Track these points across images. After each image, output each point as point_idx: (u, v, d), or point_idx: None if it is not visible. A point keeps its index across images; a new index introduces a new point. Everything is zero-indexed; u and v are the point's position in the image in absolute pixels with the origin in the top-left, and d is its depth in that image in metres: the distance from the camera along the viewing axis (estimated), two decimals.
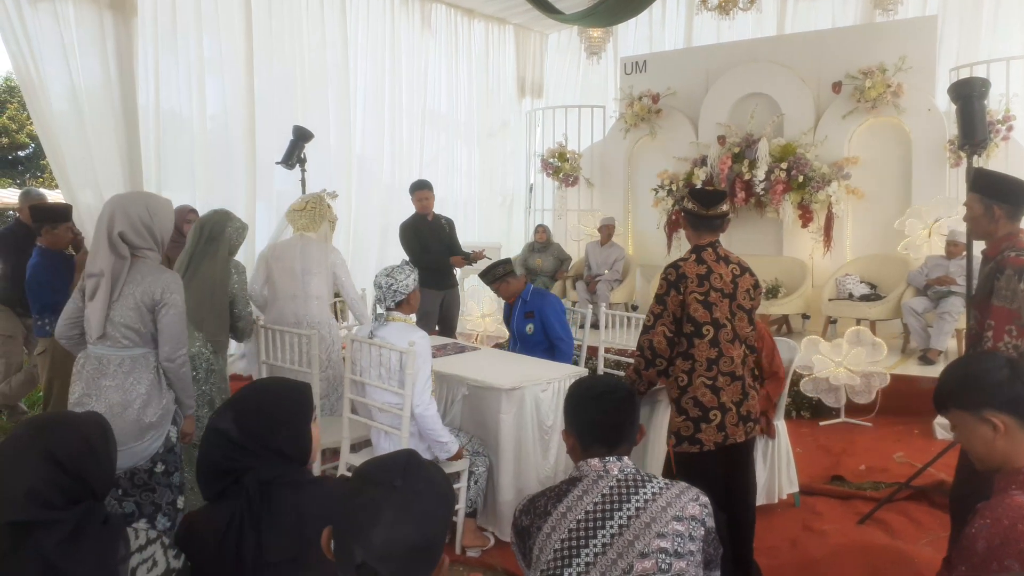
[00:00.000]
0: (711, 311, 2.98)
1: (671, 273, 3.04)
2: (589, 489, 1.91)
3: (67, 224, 4.78)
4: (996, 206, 2.93)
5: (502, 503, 3.68)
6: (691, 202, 3.11)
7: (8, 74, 24.50)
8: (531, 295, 4.78)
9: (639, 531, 1.82)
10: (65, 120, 5.51)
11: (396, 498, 1.30)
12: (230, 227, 3.99)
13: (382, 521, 1.28)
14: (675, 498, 1.89)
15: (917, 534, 3.83)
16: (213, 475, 1.81)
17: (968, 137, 3.97)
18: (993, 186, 2.98)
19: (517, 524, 1.96)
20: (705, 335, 2.98)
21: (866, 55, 7.45)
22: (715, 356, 2.98)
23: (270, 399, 1.89)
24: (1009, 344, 2.80)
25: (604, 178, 9.48)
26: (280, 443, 1.83)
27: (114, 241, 2.78)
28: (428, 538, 1.30)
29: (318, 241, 4.66)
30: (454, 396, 3.90)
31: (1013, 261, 2.81)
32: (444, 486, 1.40)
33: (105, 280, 2.77)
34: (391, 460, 1.38)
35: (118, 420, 2.72)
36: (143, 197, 2.98)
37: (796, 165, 7.50)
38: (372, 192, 8.67)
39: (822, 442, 5.31)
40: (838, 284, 7.23)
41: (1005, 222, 2.93)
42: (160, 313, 2.82)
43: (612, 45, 10.24)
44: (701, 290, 2.98)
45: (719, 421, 2.98)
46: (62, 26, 5.46)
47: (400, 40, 8.97)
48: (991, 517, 1.59)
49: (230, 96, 7.26)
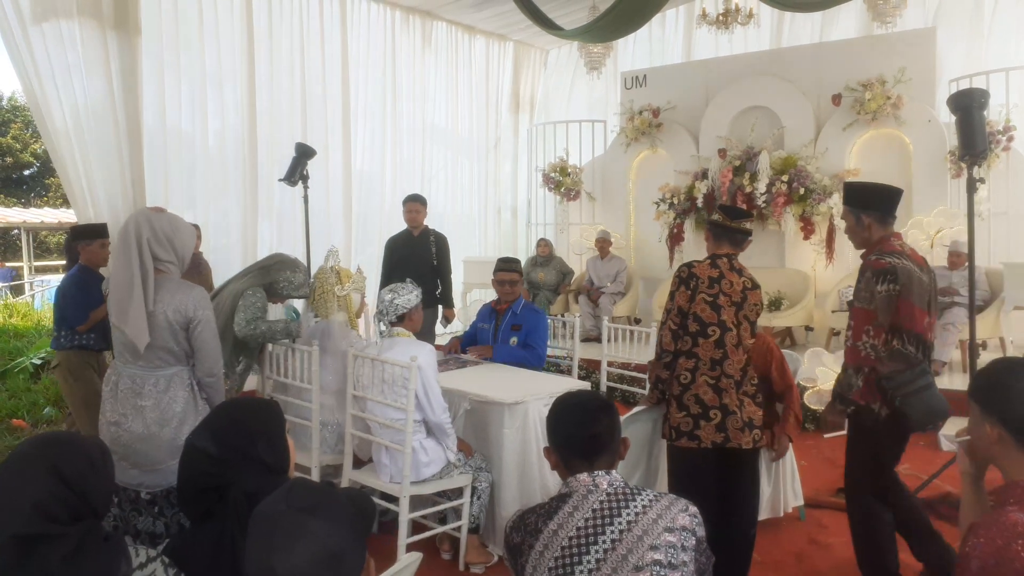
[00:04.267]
0: (719, 313, 3.05)
1: (683, 271, 3.18)
2: (579, 505, 1.90)
3: (102, 240, 4.81)
4: (864, 215, 3.08)
5: (505, 518, 3.66)
6: (718, 213, 3.26)
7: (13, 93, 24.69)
8: (522, 309, 4.75)
9: (632, 545, 1.82)
10: (70, 138, 5.55)
11: (284, 522, 1.32)
12: (287, 273, 4.13)
13: (276, 547, 1.29)
14: (665, 509, 1.89)
15: None
16: (196, 494, 1.83)
17: (968, 148, 3.98)
18: (859, 196, 3.14)
19: (508, 541, 1.96)
20: (711, 335, 3.05)
21: (866, 67, 7.48)
22: (719, 357, 3.05)
23: (243, 412, 1.95)
24: (867, 343, 2.91)
25: (606, 192, 9.51)
26: (260, 452, 1.87)
27: (141, 249, 2.77)
28: (333, 547, 1.31)
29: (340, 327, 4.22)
30: (457, 411, 3.89)
31: (873, 264, 2.92)
32: (343, 495, 1.42)
33: (137, 292, 2.73)
34: (277, 491, 1.41)
35: (155, 439, 2.73)
36: (166, 214, 2.97)
37: (797, 177, 7.52)
38: (374, 208, 8.69)
39: (827, 454, 5.28)
40: (841, 295, 7.22)
41: (876, 228, 3.06)
42: (194, 330, 2.81)
43: (612, 60, 10.28)
44: (711, 292, 3.07)
45: (719, 421, 3.02)
46: (67, 46, 5.50)
47: (401, 56, 9.02)
48: (985, 536, 1.55)
49: (232, 113, 7.30)
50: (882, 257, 2.94)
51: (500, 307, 4.79)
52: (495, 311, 4.82)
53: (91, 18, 5.57)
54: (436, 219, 8.61)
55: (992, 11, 8.00)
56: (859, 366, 2.92)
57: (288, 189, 6.46)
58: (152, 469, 2.78)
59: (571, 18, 8.39)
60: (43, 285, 16.16)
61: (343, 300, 4.23)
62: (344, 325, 4.21)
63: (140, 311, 2.75)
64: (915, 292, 2.90)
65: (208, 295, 2.94)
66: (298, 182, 6.17)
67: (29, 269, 19.57)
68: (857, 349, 2.93)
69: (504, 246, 10.41)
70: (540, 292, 8.66)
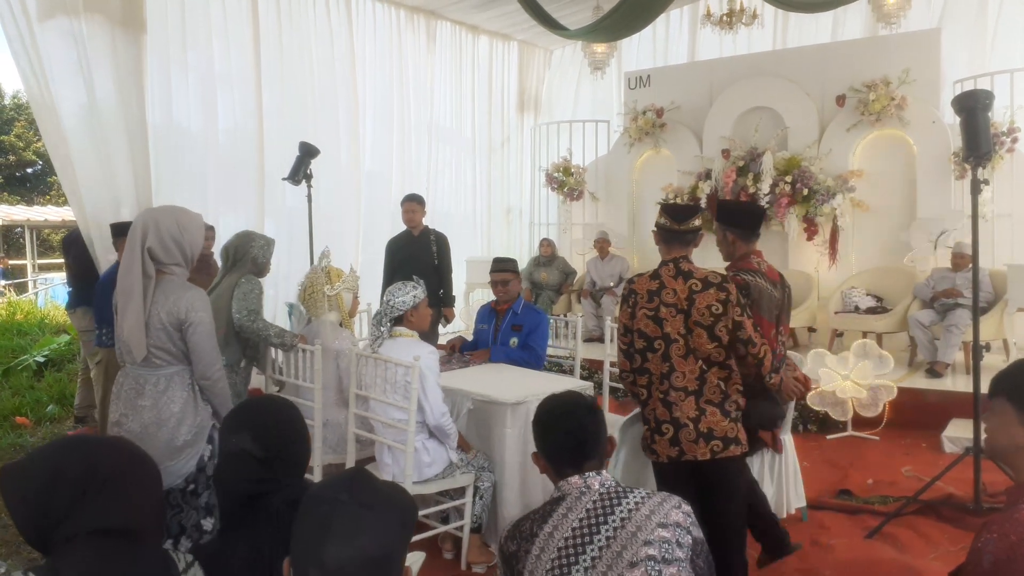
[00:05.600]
0: (661, 326, 2.97)
1: (625, 288, 3.18)
2: (573, 506, 1.92)
3: None
4: (729, 231, 3.38)
5: (507, 518, 3.66)
6: (663, 216, 3.12)
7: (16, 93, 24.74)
8: (523, 309, 4.75)
9: (626, 541, 1.84)
10: (75, 137, 5.54)
11: (343, 513, 1.29)
12: (254, 247, 4.16)
13: (331, 537, 1.26)
14: (657, 506, 1.91)
15: (926, 549, 3.79)
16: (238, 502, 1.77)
17: (973, 149, 3.98)
18: (726, 214, 3.46)
19: (504, 550, 1.96)
20: (657, 349, 2.98)
21: (870, 68, 7.47)
22: (667, 371, 2.97)
23: (282, 413, 1.89)
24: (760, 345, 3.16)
25: (609, 192, 9.51)
26: (299, 456, 1.83)
27: (143, 255, 2.77)
28: (383, 550, 1.29)
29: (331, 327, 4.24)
30: (459, 410, 3.90)
31: (735, 280, 3.15)
32: (397, 498, 1.38)
33: (136, 299, 2.75)
34: (337, 478, 1.38)
35: (153, 439, 2.73)
36: (174, 212, 2.93)
37: (801, 178, 7.51)
38: (381, 207, 8.70)
39: (829, 456, 5.28)
40: (844, 297, 7.21)
41: (740, 244, 3.38)
42: (188, 332, 2.80)
43: (616, 60, 10.28)
44: (651, 305, 2.99)
45: (672, 435, 2.95)
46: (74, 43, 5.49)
47: (406, 56, 9.03)
48: (998, 532, 1.54)
49: (239, 112, 7.31)
50: (738, 274, 3.26)
51: (500, 307, 4.79)
52: (495, 311, 4.81)
53: (98, 13, 5.57)
54: (440, 219, 8.63)
55: (997, 12, 7.98)
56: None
57: (295, 188, 6.47)
58: None
59: (575, 18, 8.38)
60: (47, 283, 16.20)
61: (333, 300, 4.24)
62: (334, 325, 4.22)
63: (138, 321, 2.75)
64: (764, 306, 3.26)
65: (206, 296, 2.91)
66: (302, 181, 6.18)
67: (32, 267, 19.61)
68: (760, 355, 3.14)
69: (509, 246, 10.42)
70: (543, 292, 8.67)
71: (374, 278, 7.95)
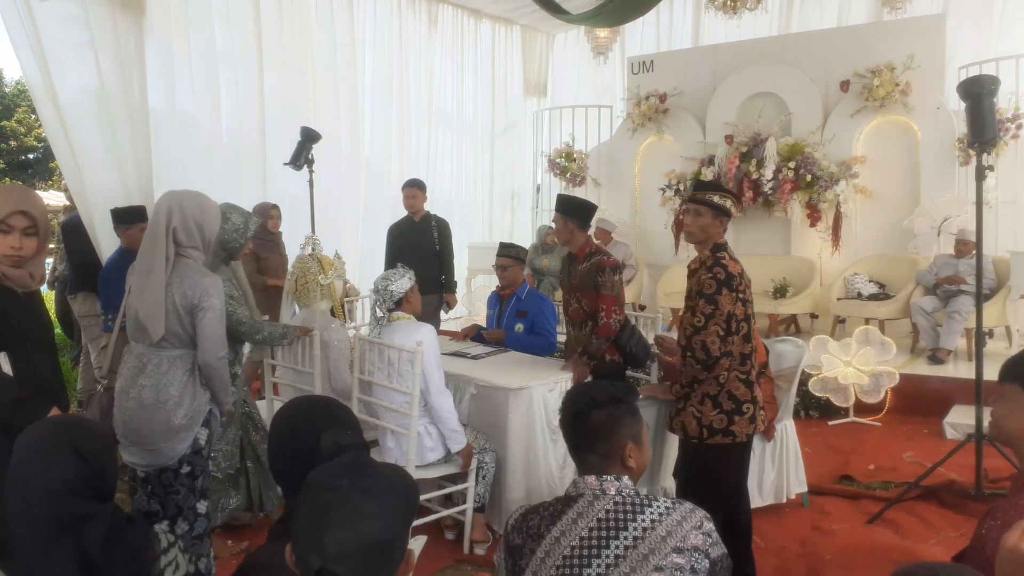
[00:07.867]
0: (746, 307, 3.04)
1: (719, 272, 2.99)
2: (584, 511, 1.82)
3: (141, 225, 4.81)
4: (570, 221, 3.96)
5: (511, 501, 3.68)
6: (729, 199, 3.11)
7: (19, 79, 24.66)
8: (527, 295, 4.77)
9: (636, 563, 1.73)
10: (74, 122, 5.51)
11: (344, 498, 1.29)
12: (226, 228, 3.60)
13: (332, 522, 1.26)
14: (676, 526, 1.78)
15: (927, 534, 3.81)
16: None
17: (978, 135, 3.96)
18: (566, 206, 4.01)
19: (509, 540, 1.89)
20: (741, 331, 3.03)
21: (874, 54, 7.42)
22: (748, 352, 3.06)
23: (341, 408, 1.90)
24: (616, 320, 3.83)
25: (611, 178, 9.47)
26: None
27: (167, 237, 2.78)
28: (383, 534, 1.28)
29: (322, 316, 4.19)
30: (462, 395, 3.91)
31: (607, 263, 3.84)
32: (398, 482, 1.38)
33: (156, 280, 2.76)
34: (338, 463, 1.37)
35: (149, 420, 2.75)
36: (196, 196, 2.93)
37: (804, 164, 7.48)
38: (382, 192, 8.66)
39: (831, 442, 5.29)
40: (847, 283, 7.20)
41: (579, 233, 3.98)
42: (198, 317, 2.81)
43: (619, 45, 10.23)
44: (742, 287, 3.04)
45: (751, 414, 3.04)
46: (74, 26, 5.45)
47: (407, 40, 8.97)
48: (1003, 519, 1.53)
49: (241, 97, 7.26)
50: (607, 256, 3.90)
51: (504, 293, 4.82)
52: (500, 297, 4.85)
53: None
54: (442, 204, 8.61)
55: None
56: (608, 336, 3.84)
57: (297, 173, 6.44)
58: (146, 448, 2.80)
59: (578, 1, 8.33)
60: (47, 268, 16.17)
61: (326, 289, 4.20)
62: (325, 313, 4.19)
63: (159, 303, 2.75)
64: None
65: (221, 284, 2.88)
66: (303, 166, 6.15)
67: None
68: (610, 324, 3.81)
69: (512, 232, 10.40)
70: (545, 278, 8.64)
71: (375, 263, 7.95)
